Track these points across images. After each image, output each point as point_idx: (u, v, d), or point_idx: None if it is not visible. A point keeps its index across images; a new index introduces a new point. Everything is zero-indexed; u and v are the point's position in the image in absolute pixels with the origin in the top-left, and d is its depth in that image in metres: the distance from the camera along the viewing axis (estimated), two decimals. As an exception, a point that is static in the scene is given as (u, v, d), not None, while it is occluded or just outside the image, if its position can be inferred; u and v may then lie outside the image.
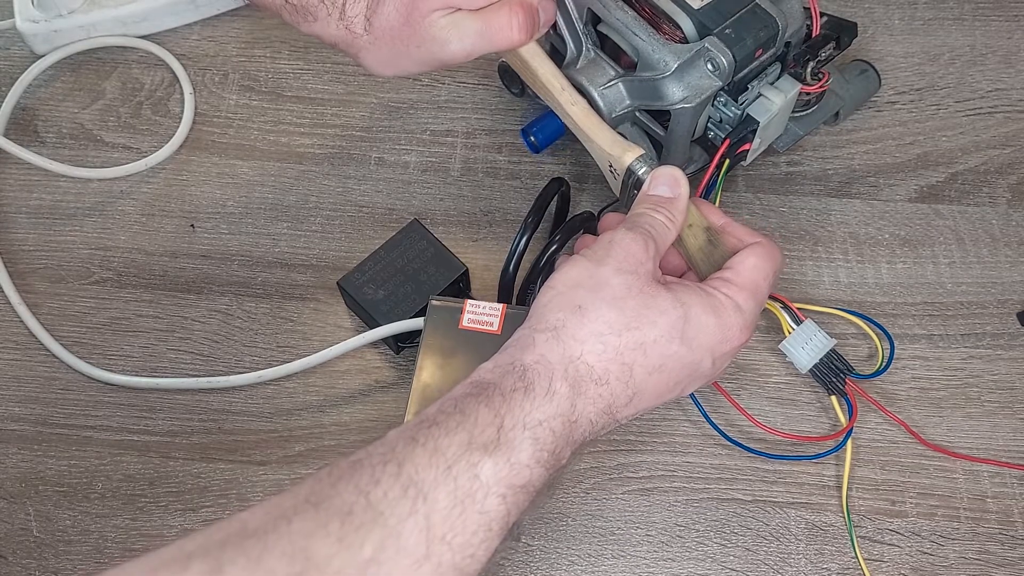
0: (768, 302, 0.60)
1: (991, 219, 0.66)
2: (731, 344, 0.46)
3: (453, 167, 0.68)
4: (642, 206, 0.49)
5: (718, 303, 0.45)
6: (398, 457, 0.38)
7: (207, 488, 0.58)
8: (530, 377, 0.42)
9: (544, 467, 0.41)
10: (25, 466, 0.59)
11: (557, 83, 0.56)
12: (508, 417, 0.40)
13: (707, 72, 0.56)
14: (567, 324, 0.43)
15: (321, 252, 0.65)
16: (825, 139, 0.68)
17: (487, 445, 0.39)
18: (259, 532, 0.36)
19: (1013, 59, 0.71)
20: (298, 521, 0.36)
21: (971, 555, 0.56)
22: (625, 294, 0.44)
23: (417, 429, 0.40)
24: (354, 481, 0.38)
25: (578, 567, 0.56)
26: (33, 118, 0.71)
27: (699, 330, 0.45)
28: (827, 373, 0.58)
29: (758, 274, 0.47)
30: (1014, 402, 0.60)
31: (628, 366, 0.43)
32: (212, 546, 0.36)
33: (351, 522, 0.36)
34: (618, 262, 0.45)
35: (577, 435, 0.43)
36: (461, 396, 0.41)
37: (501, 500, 0.39)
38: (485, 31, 0.52)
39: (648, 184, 0.50)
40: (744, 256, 0.48)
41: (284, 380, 0.61)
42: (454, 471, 0.38)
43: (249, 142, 0.69)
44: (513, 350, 0.43)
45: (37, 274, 0.65)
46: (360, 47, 0.54)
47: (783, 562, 0.56)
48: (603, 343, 0.43)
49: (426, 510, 0.37)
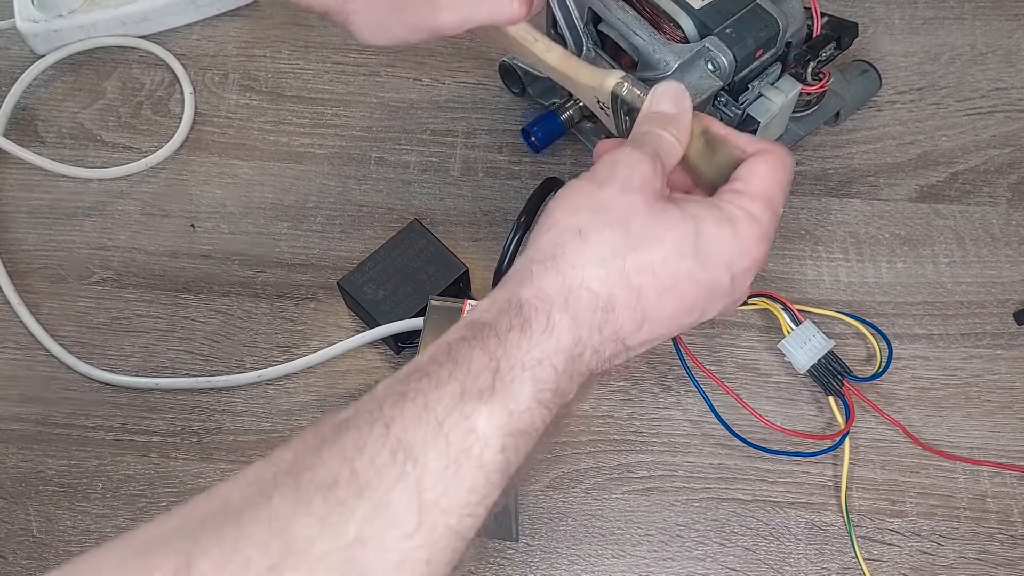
0: (768, 302, 0.60)
1: (991, 219, 0.66)
2: (750, 256, 0.42)
3: (453, 167, 0.68)
4: (646, 124, 0.45)
5: (732, 215, 0.42)
6: (385, 417, 0.36)
7: (207, 488, 0.58)
8: (527, 313, 0.39)
9: (546, 407, 0.38)
10: (25, 466, 0.59)
11: (528, 35, 0.53)
12: (504, 359, 0.37)
13: (707, 72, 0.56)
14: (566, 251, 0.40)
15: (321, 252, 0.65)
16: (825, 139, 0.68)
17: (482, 392, 0.36)
18: (238, 512, 0.34)
19: (1013, 58, 0.71)
20: (278, 497, 0.34)
21: (971, 555, 0.56)
22: (630, 214, 0.40)
23: (407, 382, 0.37)
24: (339, 446, 0.35)
25: (578, 567, 0.56)
26: (33, 118, 0.71)
27: (712, 244, 0.41)
28: (825, 374, 0.58)
29: (771, 181, 0.44)
30: (1014, 402, 0.60)
31: (636, 289, 0.40)
32: (187, 531, 0.34)
33: (335, 496, 0.34)
34: (623, 182, 0.41)
35: (582, 367, 0.40)
36: (454, 340, 0.38)
37: (500, 450, 0.36)
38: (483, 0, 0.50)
39: (650, 101, 0.47)
40: (754, 165, 0.44)
41: (284, 380, 0.61)
42: (445, 427, 0.35)
43: (249, 142, 0.69)
44: (511, 284, 0.40)
45: (37, 274, 0.65)
46: (350, 12, 0.51)
47: (783, 562, 0.56)
48: (605, 267, 0.40)
49: (417, 474, 0.34)
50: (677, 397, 0.60)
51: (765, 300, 0.60)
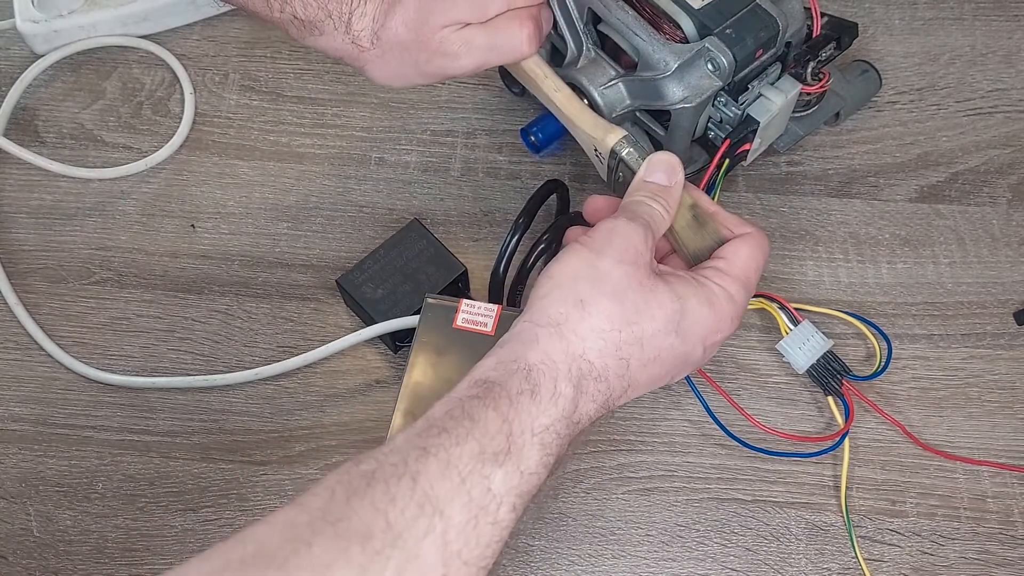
0: (766, 303, 0.60)
1: (991, 219, 0.65)
2: (722, 334, 0.47)
3: (453, 167, 0.68)
4: (639, 194, 0.49)
5: (712, 294, 0.46)
6: (411, 471, 0.38)
7: (207, 488, 0.58)
8: (535, 378, 0.42)
9: (548, 470, 0.41)
10: (26, 466, 0.59)
11: (540, 70, 0.56)
12: (516, 423, 0.40)
13: (707, 72, 0.56)
14: (569, 319, 0.43)
15: (321, 252, 0.65)
16: (825, 139, 0.68)
17: (498, 455, 0.39)
18: (279, 559, 0.35)
19: (1013, 59, 0.71)
20: (318, 546, 0.36)
21: (971, 555, 0.56)
22: (625, 286, 0.44)
23: (426, 437, 0.39)
24: (369, 497, 0.37)
25: (578, 567, 0.56)
26: (33, 118, 0.71)
27: (694, 322, 0.45)
28: (824, 374, 0.58)
29: (751, 265, 0.48)
30: (1014, 402, 0.60)
31: (625, 360, 0.44)
32: (232, 572, 0.35)
33: (371, 546, 0.36)
34: (618, 253, 0.44)
35: (576, 431, 0.43)
36: (467, 398, 0.41)
37: (511, 509, 0.39)
38: (495, 45, 0.52)
39: (645, 170, 0.50)
40: (737, 247, 0.48)
41: (284, 380, 0.61)
42: (467, 484, 0.38)
43: (249, 142, 0.69)
44: (515, 345, 0.43)
45: (37, 274, 0.65)
46: (367, 60, 0.54)
47: (783, 562, 0.56)
48: (604, 339, 0.43)
49: (442, 527, 0.37)
50: (677, 397, 0.60)
51: (763, 300, 0.60)
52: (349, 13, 0.52)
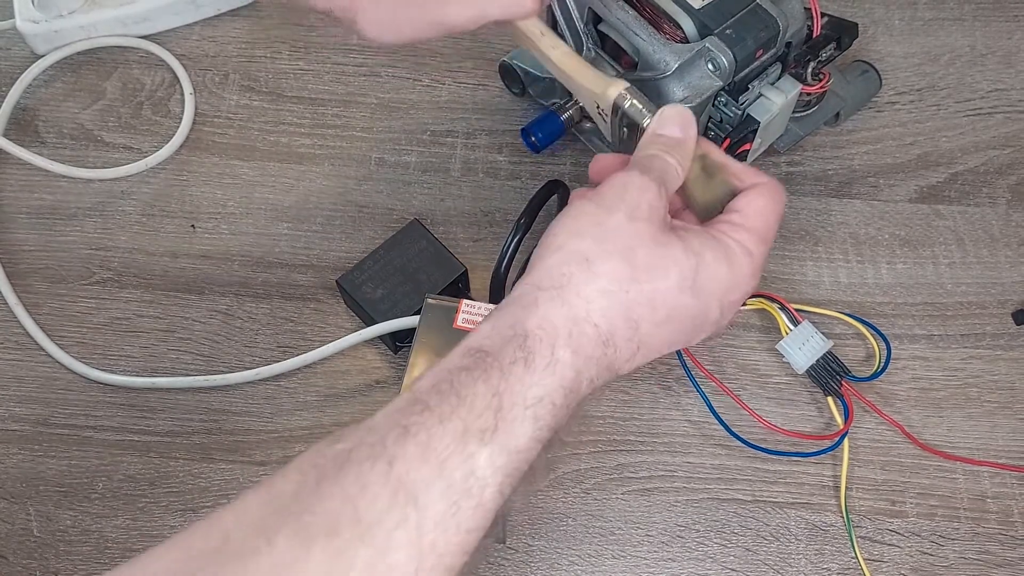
0: (766, 303, 0.60)
1: (991, 219, 0.66)
2: (740, 291, 0.43)
3: (453, 167, 0.68)
4: (653, 147, 0.45)
5: (730, 249, 0.43)
6: (388, 453, 0.36)
7: (207, 488, 0.58)
8: (530, 346, 0.39)
9: (541, 444, 0.39)
10: (26, 466, 0.59)
11: (536, 29, 0.53)
12: (507, 396, 0.37)
13: (708, 72, 0.56)
14: (572, 280, 0.40)
15: (321, 252, 0.65)
16: (825, 139, 0.68)
17: (483, 432, 0.37)
18: (239, 556, 0.34)
19: (1013, 59, 0.71)
20: (281, 542, 0.34)
21: (971, 555, 0.56)
22: (636, 243, 0.41)
23: (408, 415, 0.37)
24: (340, 484, 0.35)
25: (578, 567, 0.56)
26: (33, 118, 0.71)
27: (709, 279, 0.42)
28: (823, 374, 0.58)
29: (768, 216, 0.45)
30: (1014, 402, 0.60)
31: (635, 321, 0.40)
32: (188, 571, 0.34)
33: (335, 544, 0.34)
34: (631, 208, 0.41)
35: (575, 401, 0.40)
36: (457, 370, 0.38)
37: (498, 490, 0.37)
38: None
39: (657, 123, 0.47)
40: (752, 198, 0.45)
41: (284, 380, 0.61)
42: (448, 467, 0.36)
43: (249, 142, 0.69)
44: (513, 309, 0.40)
45: (37, 274, 0.65)
46: (357, 9, 0.50)
47: (783, 562, 0.56)
48: (609, 299, 0.40)
49: (417, 518, 0.35)
50: (677, 398, 0.60)
51: (763, 300, 0.60)
52: None
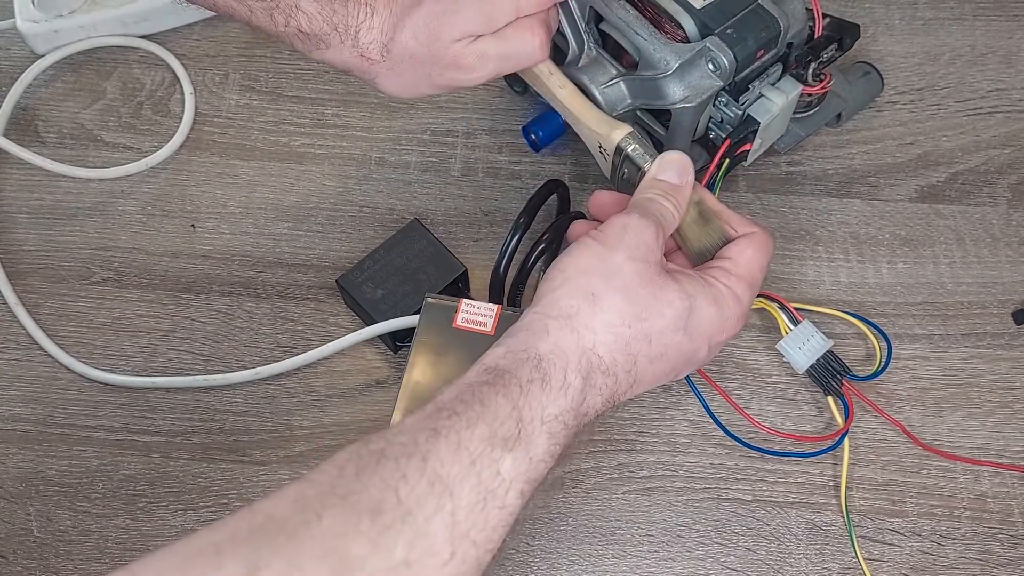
0: (766, 302, 0.60)
1: (991, 219, 0.66)
2: (727, 333, 0.47)
3: (453, 167, 0.68)
4: (651, 191, 0.49)
5: (719, 294, 0.46)
6: (421, 450, 0.38)
7: (208, 488, 0.58)
8: (545, 368, 0.42)
9: (555, 460, 0.41)
10: (26, 466, 0.59)
11: (545, 68, 0.56)
12: (526, 410, 0.40)
13: (708, 72, 0.56)
14: (580, 312, 0.43)
15: (321, 252, 0.65)
16: (825, 139, 0.68)
17: (507, 440, 0.39)
18: (290, 529, 0.35)
19: (1013, 59, 0.71)
20: (328, 517, 0.36)
21: (971, 555, 0.56)
22: (637, 283, 0.44)
23: (436, 419, 0.39)
24: (379, 474, 0.37)
25: (579, 567, 0.56)
26: (33, 118, 0.71)
27: (701, 321, 0.45)
28: (824, 374, 0.58)
29: (756, 265, 0.48)
30: (1014, 402, 0.60)
31: (633, 356, 0.44)
32: (241, 542, 0.35)
33: (382, 520, 0.36)
34: (630, 249, 0.45)
35: (582, 425, 0.43)
36: (478, 384, 0.41)
37: (519, 495, 0.39)
38: (509, 55, 0.53)
39: (656, 168, 0.50)
40: (743, 247, 0.49)
41: (284, 380, 0.61)
42: (477, 466, 0.38)
43: (249, 142, 0.69)
44: (525, 335, 0.43)
45: (37, 274, 0.65)
46: (377, 73, 0.54)
47: (783, 562, 0.56)
48: (614, 334, 0.43)
49: (452, 507, 0.37)
50: (677, 397, 0.60)
51: (763, 300, 0.60)
52: (356, 27, 0.52)
